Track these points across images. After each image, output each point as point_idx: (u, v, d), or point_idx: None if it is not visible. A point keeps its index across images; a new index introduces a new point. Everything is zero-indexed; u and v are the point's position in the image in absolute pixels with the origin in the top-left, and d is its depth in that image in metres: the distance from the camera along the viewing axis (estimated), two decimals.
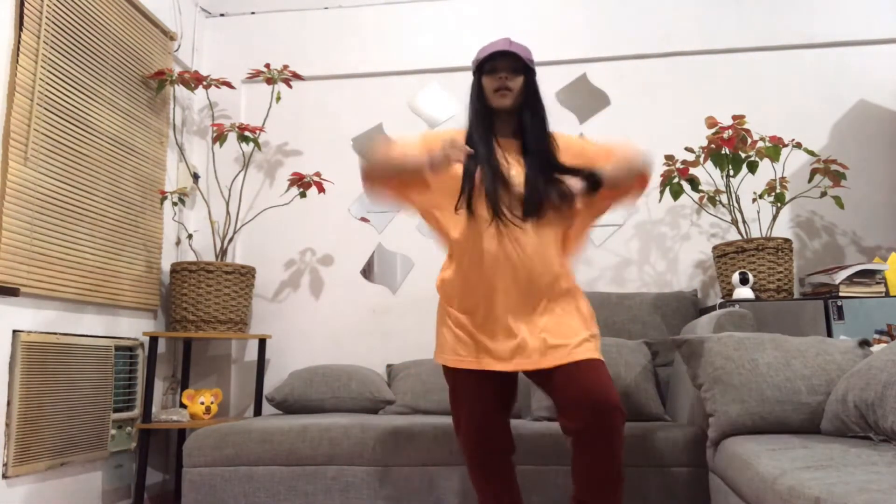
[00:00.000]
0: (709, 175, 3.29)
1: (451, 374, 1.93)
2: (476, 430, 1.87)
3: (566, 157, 1.91)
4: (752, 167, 2.97)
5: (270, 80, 3.41)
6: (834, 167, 3.00)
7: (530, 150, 1.89)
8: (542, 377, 1.85)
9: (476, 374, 1.87)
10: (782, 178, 3.00)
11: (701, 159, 3.05)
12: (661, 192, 3.08)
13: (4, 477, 2.30)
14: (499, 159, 1.86)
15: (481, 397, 1.87)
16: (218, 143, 3.33)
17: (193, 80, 3.30)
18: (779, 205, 2.99)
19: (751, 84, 3.45)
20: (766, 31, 3.46)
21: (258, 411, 3.26)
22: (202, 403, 3.11)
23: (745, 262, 2.88)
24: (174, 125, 3.50)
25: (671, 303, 3.06)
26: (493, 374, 1.87)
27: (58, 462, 2.52)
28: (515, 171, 1.87)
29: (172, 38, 3.46)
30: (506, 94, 1.87)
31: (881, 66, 3.37)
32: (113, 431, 2.86)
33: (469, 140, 1.89)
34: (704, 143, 3.13)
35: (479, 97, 1.93)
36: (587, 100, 3.54)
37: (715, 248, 3.02)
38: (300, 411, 3.04)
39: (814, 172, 3.01)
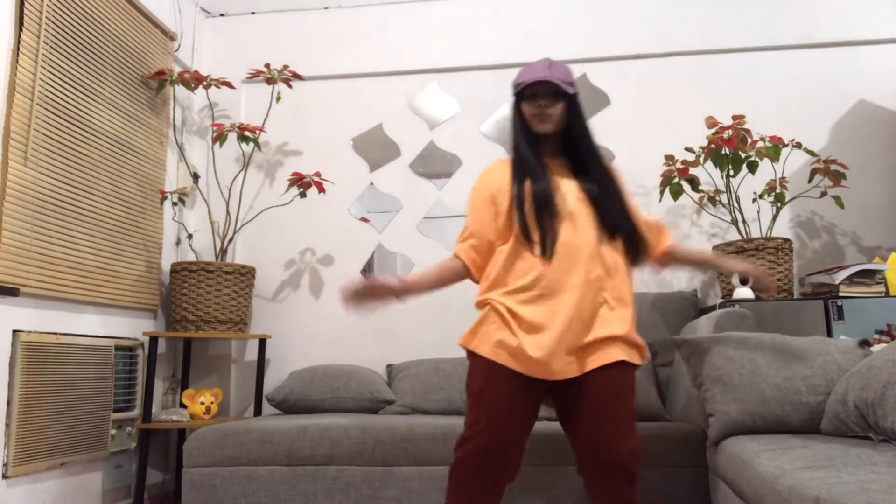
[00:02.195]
0: (709, 175, 3.29)
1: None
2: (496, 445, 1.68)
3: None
4: (752, 167, 2.97)
5: (270, 80, 3.41)
6: (834, 167, 3.00)
7: (589, 169, 1.84)
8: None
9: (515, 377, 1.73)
10: (782, 178, 3.00)
11: (701, 159, 3.05)
12: (661, 192, 3.08)
13: (4, 477, 2.30)
14: (549, 184, 1.81)
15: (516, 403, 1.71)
16: (218, 143, 3.32)
17: (193, 80, 3.30)
18: (779, 205, 2.99)
19: (751, 84, 3.45)
20: (766, 31, 3.46)
21: (258, 411, 3.26)
22: (202, 403, 3.11)
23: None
24: (174, 125, 3.50)
25: (671, 303, 3.06)
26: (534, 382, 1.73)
27: (58, 462, 2.52)
28: (566, 188, 1.81)
29: (172, 38, 3.46)
30: (546, 118, 1.84)
31: (881, 66, 3.37)
32: (113, 431, 2.86)
33: (518, 165, 1.86)
34: (704, 143, 3.13)
35: (520, 122, 1.90)
36: (587, 100, 3.54)
37: (715, 248, 3.02)
38: (300, 411, 3.04)
39: (814, 172, 3.01)
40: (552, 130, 1.85)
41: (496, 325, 1.73)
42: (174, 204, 3.37)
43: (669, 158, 3.07)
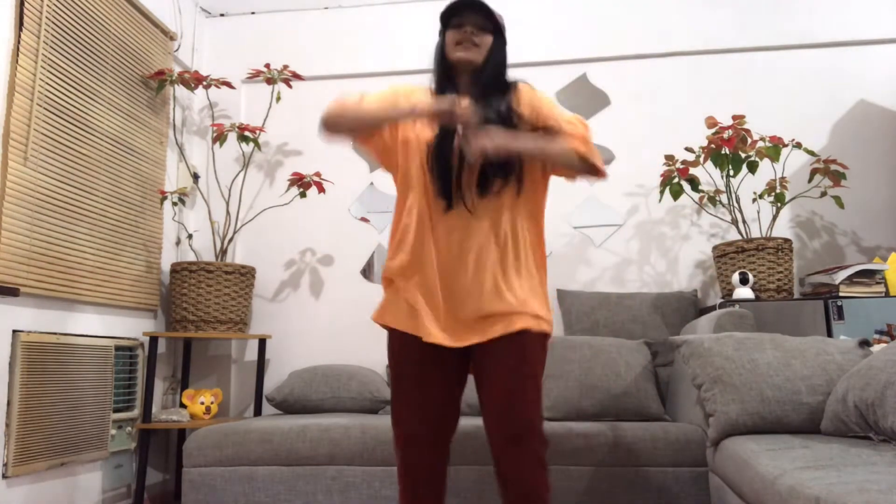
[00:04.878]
0: (709, 175, 3.29)
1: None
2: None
3: (525, 108, 1.72)
4: (752, 167, 2.97)
5: (270, 80, 3.41)
6: (834, 167, 3.00)
7: (486, 107, 1.68)
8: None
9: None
10: (782, 178, 3.00)
11: (701, 159, 3.05)
12: (661, 192, 3.08)
13: (4, 477, 2.30)
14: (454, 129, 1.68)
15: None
16: (218, 143, 3.33)
17: (193, 80, 3.30)
18: (779, 205, 2.99)
19: (751, 84, 3.45)
20: (766, 31, 3.46)
21: (258, 411, 3.26)
22: (202, 403, 3.11)
23: (745, 262, 2.88)
24: (174, 125, 3.50)
25: (671, 303, 3.06)
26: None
27: (58, 462, 2.52)
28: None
29: (172, 38, 3.46)
30: (469, 47, 1.70)
31: (881, 66, 3.37)
32: (113, 431, 2.86)
33: (435, 89, 1.78)
34: (704, 143, 3.13)
35: (441, 52, 1.77)
36: (587, 100, 3.54)
37: (715, 248, 3.02)
38: (300, 411, 3.04)
39: (814, 172, 3.01)
40: (472, 59, 1.71)
41: None
42: (174, 204, 3.37)
43: (669, 158, 3.07)
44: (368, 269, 3.55)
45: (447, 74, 1.77)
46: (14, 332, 2.37)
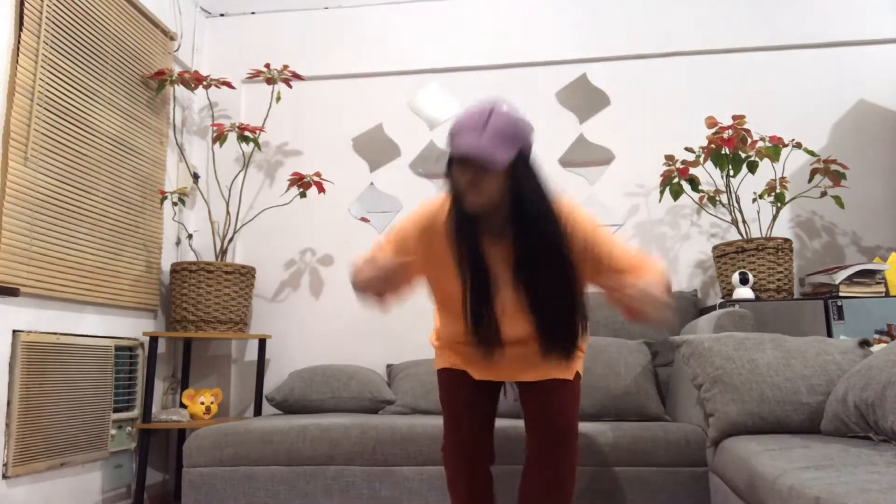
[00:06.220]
0: (709, 175, 3.29)
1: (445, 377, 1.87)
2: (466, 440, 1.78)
3: (578, 241, 1.57)
4: (752, 167, 2.97)
5: (270, 80, 3.41)
6: (834, 167, 3.00)
7: (533, 270, 1.55)
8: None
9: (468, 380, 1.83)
10: (782, 178, 3.00)
11: (701, 159, 3.05)
12: (661, 192, 3.08)
13: (4, 477, 2.30)
14: (486, 279, 1.59)
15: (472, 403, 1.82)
16: (218, 143, 3.33)
17: (193, 80, 3.30)
18: (779, 205, 2.99)
19: (751, 84, 3.45)
20: (766, 31, 3.46)
21: (258, 411, 3.26)
22: (202, 403, 3.11)
23: (745, 262, 2.88)
24: (174, 125, 3.50)
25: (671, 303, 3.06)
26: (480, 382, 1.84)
27: (58, 462, 2.52)
28: (504, 293, 1.61)
29: (172, 38, 3.46)
30: (476, 194, 1.48)
31: (881, 66, 3.37)
32: (113, 431, 2.86)
33: (454, 237, 1.59)
34: (704, 143, 3.13)
35: (453, 184, 1.55)
36: (587, 100, 3.54)
37: (715, 248, 3.02)
38: (300, 411, 3.04)
39: (814, 172, 3.01)
40: (484, 205, 1.51)
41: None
42: (174, 204, 3.37)
43: (669, 158, 3.07)
44: None
45: (464, 212, 1.56)
46: (14, 332, 2.37)
